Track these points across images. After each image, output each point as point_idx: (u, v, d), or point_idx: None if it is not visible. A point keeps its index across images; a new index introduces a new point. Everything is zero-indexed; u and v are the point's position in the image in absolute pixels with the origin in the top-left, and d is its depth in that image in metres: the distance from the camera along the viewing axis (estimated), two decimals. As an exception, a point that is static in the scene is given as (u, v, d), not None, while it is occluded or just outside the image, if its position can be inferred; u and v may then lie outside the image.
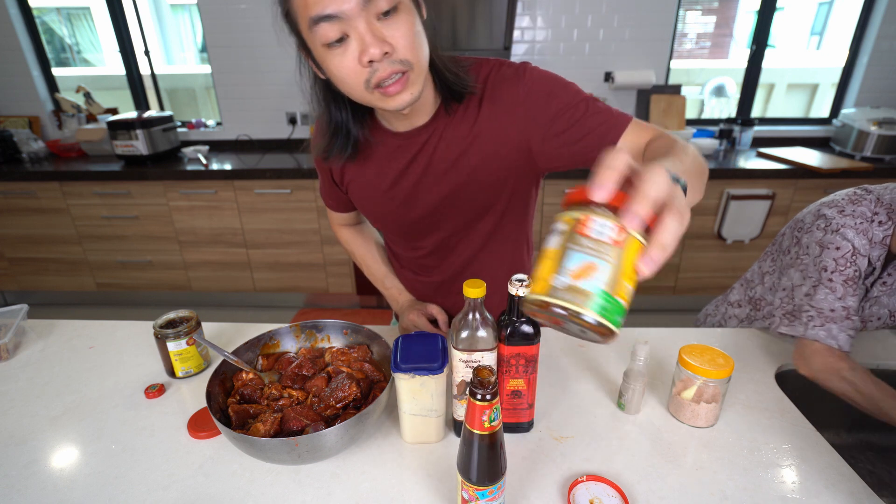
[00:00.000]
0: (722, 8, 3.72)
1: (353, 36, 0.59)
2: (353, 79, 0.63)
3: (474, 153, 0.75)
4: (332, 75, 0.65)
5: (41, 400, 0.80)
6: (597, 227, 0.36)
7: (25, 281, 2.71)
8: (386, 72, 0.61)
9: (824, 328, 0.82)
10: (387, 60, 0.61)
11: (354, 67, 0.61)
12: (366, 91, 0.64)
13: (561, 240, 0.37)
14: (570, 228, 0.37)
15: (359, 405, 0.68)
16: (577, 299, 0.35)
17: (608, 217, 0.36)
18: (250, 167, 2.36)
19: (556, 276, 0.36)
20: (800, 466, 0.65)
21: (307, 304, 2.80)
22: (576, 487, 0.61)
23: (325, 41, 0.60)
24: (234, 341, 0.94)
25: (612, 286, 0.35)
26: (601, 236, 0.36)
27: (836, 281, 0.84)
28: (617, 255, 0.36)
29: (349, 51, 0.60)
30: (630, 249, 0.36)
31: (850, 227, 0.85)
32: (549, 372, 0.85)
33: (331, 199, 0.97)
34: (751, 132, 2.63)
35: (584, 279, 0.35)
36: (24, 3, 2.66)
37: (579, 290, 0.35)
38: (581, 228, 0.37)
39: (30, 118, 2.83)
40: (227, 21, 2.59)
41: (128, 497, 0.61)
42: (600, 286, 0.35)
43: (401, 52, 0.61)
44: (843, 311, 0.82)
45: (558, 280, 0.36)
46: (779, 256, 1.01)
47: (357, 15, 0.58)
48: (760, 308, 1.05)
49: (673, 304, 2.67)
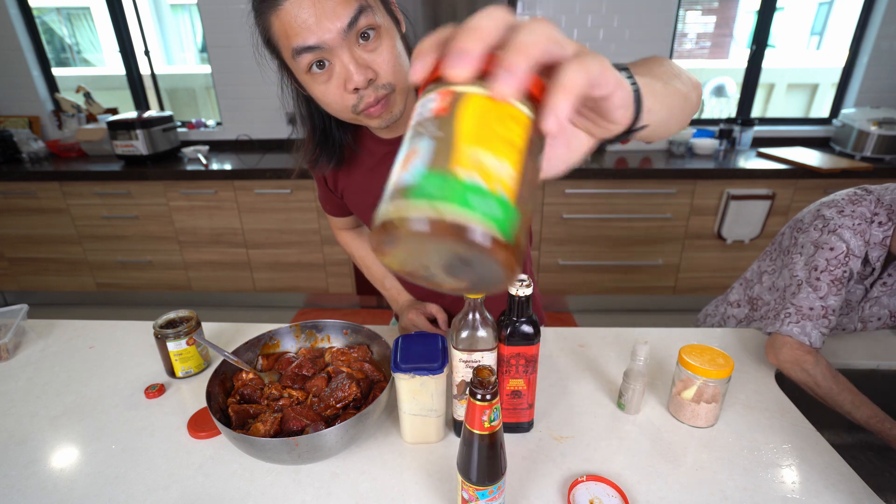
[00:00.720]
0: (722, 8, 3.72)
1: (337, 64, 0.60)
2: (339, 104, 0.63)
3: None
4: (318, 99, 0.65)
5: (41, 400, 0.80)
6: (420, 105, 0.25)
7: (25, 281, 2.71)
8: (371, 97, 0.62)
9: (799, 325, 0.84)
10: (371, 87, 0.62)
11: (340, 94, 0.62)
12: (351, 115, 0.65)
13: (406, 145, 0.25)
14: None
15: (359, 405, 0.68)
16: (398, 202, 0.22)
17: (434, 91, 0.25)
18: (250, 167, 2.36)
19: (393, 183, 0.23)
20: (800, 466, 0.65)
21: (307, 304, 2.80)
22: (576, 487, 0.61)
23: (305, 68, 0.60)
24: (234, 341, 0.94)
25: (442, 160, 0.22)
26: (424, 111, 0.24)
27: (823, 280, 0.85)
28: (443, 124, 0.23)
29: (333, 78, 0.61)
30: (468, 108, 0.23)
31: (848, 227, 0.86)
32: (549, 372, 0.85)
33: (328, 205, 0.98)
34: (751, 132, 2.63)
35: (403, 171, 0.23)
36: (24, 3, 2.66)
37: (399, 189, 0.22)
38: (415, 117, 0.25)
39: (30, 118, 2.83)
40: (227, 21, 2.59)
41: (128, 497, 0.61)
42: (421, 167, 0.22)
43: (384, 77, 0.62)
44: (821, 310, 0.84)
45: (384, 196, 0.24)
46: (778, 256, 1.01)
47: (339, 45, 0.58)
48: (758, 308, 1.05)
49: (673, 304, 2.67)
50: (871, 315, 0.95)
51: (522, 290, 0.59)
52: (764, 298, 1.03)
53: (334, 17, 0.56)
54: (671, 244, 2.45)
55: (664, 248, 2.46)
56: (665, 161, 2.41)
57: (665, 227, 2.40)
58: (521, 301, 0.60)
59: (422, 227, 0.21)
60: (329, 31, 0.57)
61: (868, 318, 0.96)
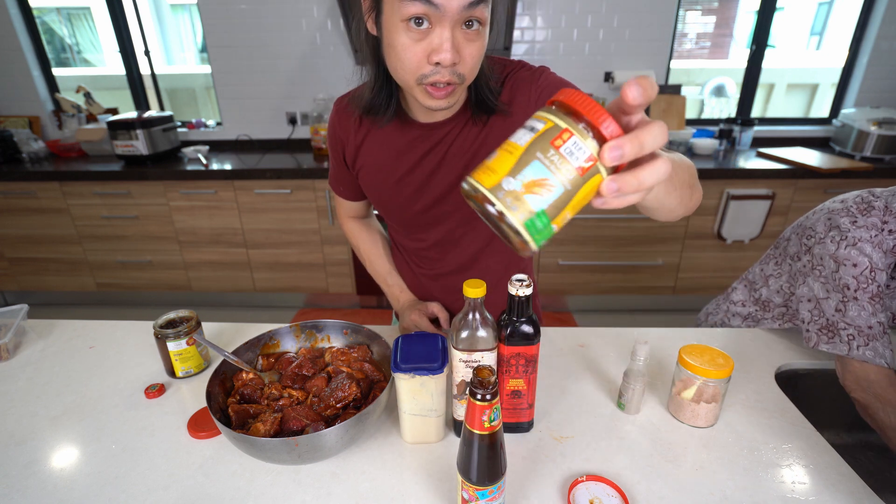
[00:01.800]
0: (722, 8, 3.72)
1: (436, 32, 0.59)
2: (412, 65, 0.62)
3: (486, 153, 0.76)
4: (392, 49, 0.63)
5: (41, 400, 0.80)
6: (570, 147, 0.34)
7: (25, 281, 2.71)
8: (444, 78, 0.62)
9: (870, 347, 0.80)
10: (449, 69, 0.61)
11: (419, 58, 0.61)
12: (414, 81, 0.64)
13: (530, 139, 0.35)
14: (544, 131, 0.34)
15: (359, 405, 0.68)
16: (516, 208, 0.34)
17: (586, 140, 0.34)
18: (250, 167, 2.36)
19: (508, 177, 0.34)
20: (800, 466, 0.65)
21: (307, 304, 2.80)
22: (576, 487, 0.61)
23: (406, 17, 0.59)
24: (234, 341, 0.94)
25: (555, 211, 0.34)
26: (570, 157, 0.34)
27: (862, 299, 0.82)
28: (575, 183, 0.34)
29: (424, 41, 0.60)
30: (591, 182, 0.34)
31: (867, 240, 0.83)
32: (549, 372, 0.85)
33: (340, 185, 0.95)
34: (751, 132, 2.63)
35: (532, 193, 0.34)
36: (24, 3, 2.66)
37: (522, 202, 0.34)
38: (556, 140, 0.34)
39: (30, 118, 2.83)
40: (227, 21, 2.59)
41: (128, 497, 0.61)
42: (543, 206, 0.34)
43: (464, 67, 0.62)
44: (879, 328, 0.81)
45: (508, 182, 0.34)
46: (784, 261, 1.00)
47: (451, 17, 0.58)
48: (770, 309, 1.03)
49: (673, 304, 2.67)
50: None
51: (522, 290, 0.59)
52: (775, 301, 1.01)
53: None
54: (671, 244, 2.45)
55: (664, 248, 2.47)
56: (665, 161, 2.41)
57: (665, 227, 2.40)
58: (521, 301, 0.60)
59: (515, 233, 0.35)
60: (452, 0, 0.57)
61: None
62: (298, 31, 2.60)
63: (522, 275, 0.61)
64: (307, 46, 2.64)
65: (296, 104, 2.78)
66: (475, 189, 0.35)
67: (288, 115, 2.81)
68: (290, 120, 2.81)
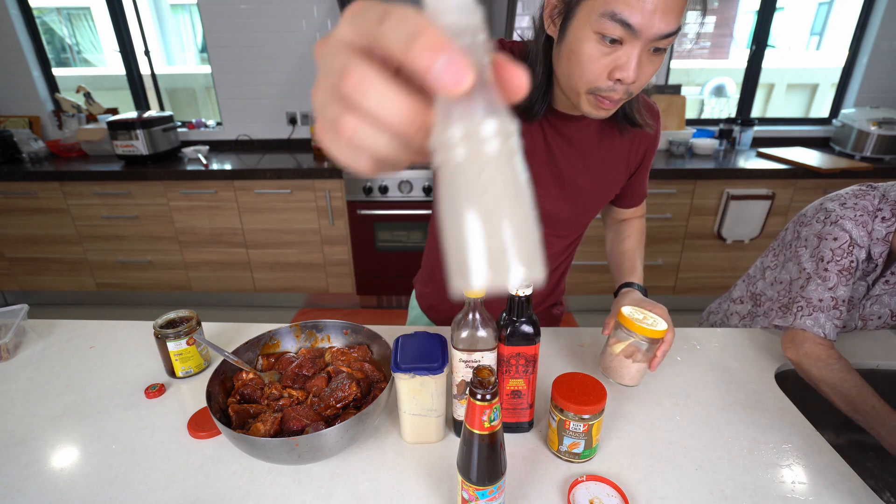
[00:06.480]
0: (722, 8, 3.72)
1: (625, 51, 0.59)
2: (591, 75, 0.62)
3: (590, 174, 0.81)
4: (575, 56, 0.62)
5: (41, 400, 0.80)
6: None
7: (25, 281, 2.71)
8: (617, 95, 0.63)
9: (812, 317, 0.84)
10: (625, 87, 0.62)
11: (600, 71, 0.61)
12: (585, 90, 0.64)
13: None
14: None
15: (359, 405, 0.68)
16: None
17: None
18: (250, 167, 2.36)
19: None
20: (800, 466, 0.65)
21: (307, 304, 2.80)
22: (576, 487, 0.61)
23: (600, 32, 0.58)
24: (234, 341, 0.94)
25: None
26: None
27: (831, 270, 0.85)
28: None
29: (610, 56, 0.60)
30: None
31: (850, 218, 0.86)
32: (550, 372, 0.85)
33: None
34: (751, 132, 2.63)
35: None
36: (24, 3, 2.66)
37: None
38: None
39: (30, 118, 2.83)
40: (227, 21, 2.59)
41: (128, 497, 0.61)
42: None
43: (637, 87, 0.63)
44: (831, 301, 0.84)
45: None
46: (781, 251, 1.02)
47: (644, 42, 0.58)
48: (761, 304, 1.05)
49: (673, 304, 2.67)
50: (872, 313, 0.95)
51: (522, 290, 0.59)
52: (767, 294, 1.04)
53: (666, 20, 0.56)
54: (671, 244, 2.45)
55: (664, 248, 2.46)
56: (665, 161, 2.41)
57: (665, 227, 2.40)
58: (521, 301, 0.60)
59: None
60: (652, 28, 0.56)
61: (868, 317, 0.96)
62: (298, 31, 2.60)
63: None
64: (307, 46, 2.64)
65: (296, 104, 2.78)
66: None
67: (288, 115, 2.81)
68: (290, 120, 2.81)
